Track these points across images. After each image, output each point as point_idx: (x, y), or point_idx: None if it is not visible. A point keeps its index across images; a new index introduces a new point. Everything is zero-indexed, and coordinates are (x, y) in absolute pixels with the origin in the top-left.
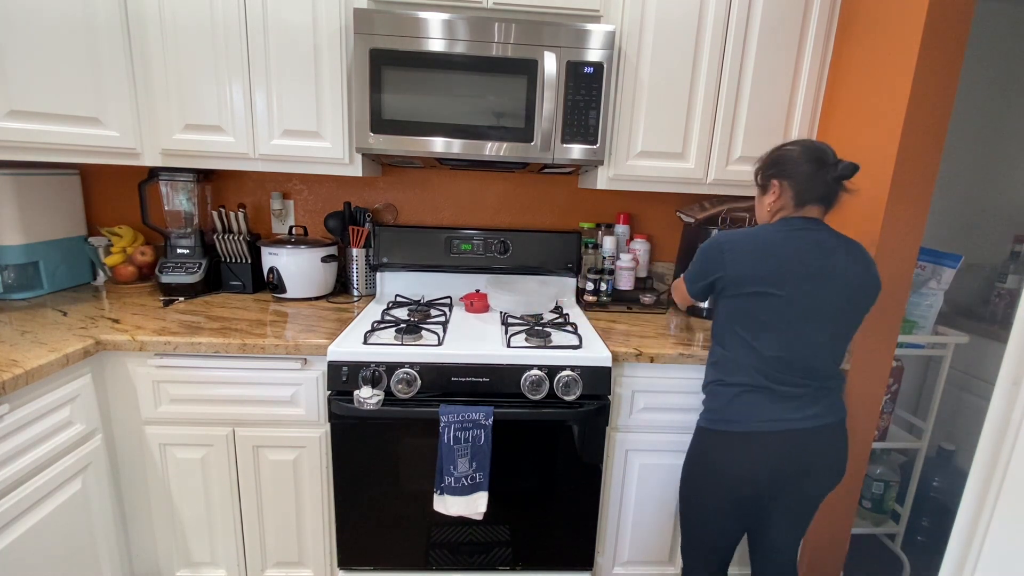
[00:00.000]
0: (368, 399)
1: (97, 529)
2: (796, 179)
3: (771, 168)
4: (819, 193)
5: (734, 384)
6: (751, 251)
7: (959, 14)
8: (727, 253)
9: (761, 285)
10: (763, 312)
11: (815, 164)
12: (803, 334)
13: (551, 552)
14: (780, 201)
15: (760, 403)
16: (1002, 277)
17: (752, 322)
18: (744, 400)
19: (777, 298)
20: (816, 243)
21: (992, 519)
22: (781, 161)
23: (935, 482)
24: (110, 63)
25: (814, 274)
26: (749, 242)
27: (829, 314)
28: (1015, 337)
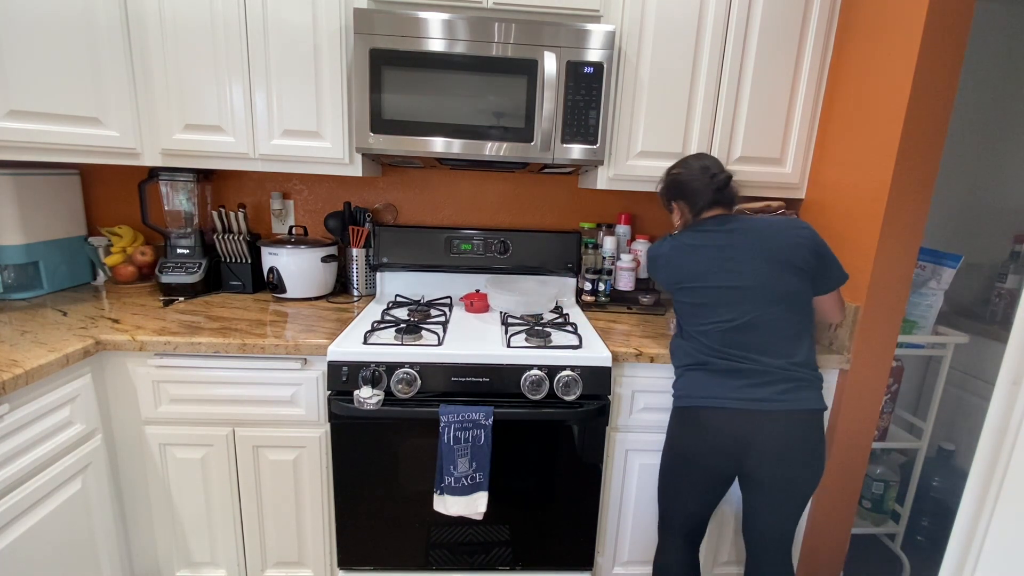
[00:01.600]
0: (368, 399)
1: (97, 529)
2: (688, 197)
3: (668, 193)
4: (708, 201)
5: (683, 365)
6: (669, 261)
7: (959, 14)
8: (656, 268)
9: (680, 286)
10: (689, 304)
11: (700, 182)
12: (739, 315)
13: (551, 552)
14: (683, 217)
15: (701, 380)
16: (1002, 277)
17: (685, 313)
18: (690, 378)
19: (696, 291)
20: (718, 230)
21: (992, 519)
22: (675, 186)
23: (935, 482)
24: (110, 63)
25: (721, 259)
26: (664, 255)
27: (759, 292)
28: (1015, 337)
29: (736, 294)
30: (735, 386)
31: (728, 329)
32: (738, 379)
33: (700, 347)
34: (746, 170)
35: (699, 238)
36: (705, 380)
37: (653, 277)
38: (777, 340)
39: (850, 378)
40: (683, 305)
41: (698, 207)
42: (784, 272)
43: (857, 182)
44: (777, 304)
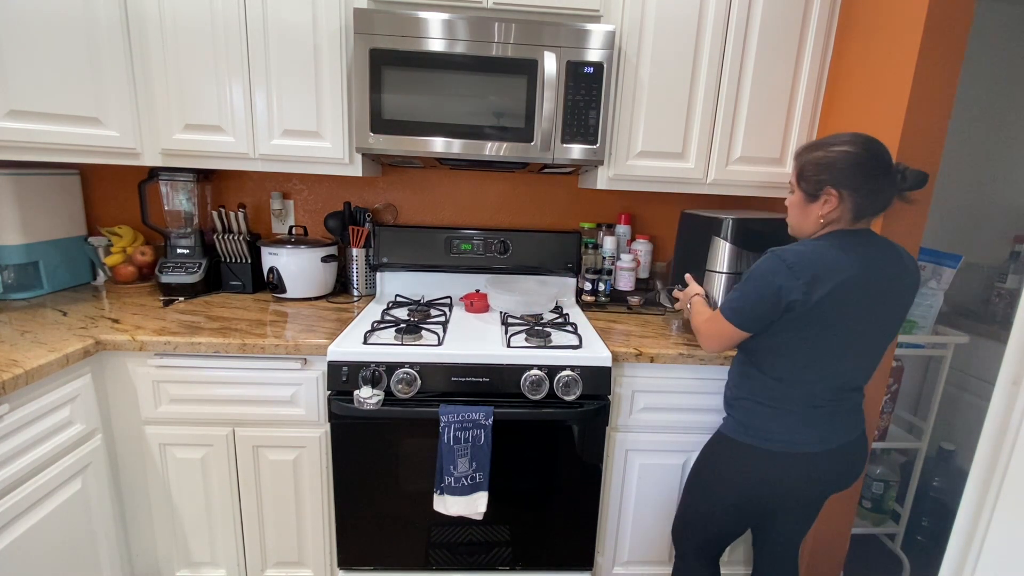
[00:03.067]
0: (368, 399)
1: (97, 529)
2: (859, 191)
3: (825, 173)
4: (881, 206)
5: (769, 405)
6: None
7: (959, 14)
8: (799, 274)
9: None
10: (825, 344)
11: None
12: (852, 357)
13: (551, 552)
14: (835, 212)
15: (801, 424)
16: (1002, 277)
17: (810, 349)
18: (784, 421)
19: (836, 327)
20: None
21: (992, 519)
22: (839, 165)
23: (935, 482)
24: (110, 63)
25: (875, 296)
26: (817, 261)
27: (882, 333)
28: (1015, 337)
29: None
30: (834, 425)
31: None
32: (836, 417)
33: (807, 390)
34: (746, 170)
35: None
36: (800, 426)
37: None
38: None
39: None
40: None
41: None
42: (907, 306)
43: None
44: (889, 339)
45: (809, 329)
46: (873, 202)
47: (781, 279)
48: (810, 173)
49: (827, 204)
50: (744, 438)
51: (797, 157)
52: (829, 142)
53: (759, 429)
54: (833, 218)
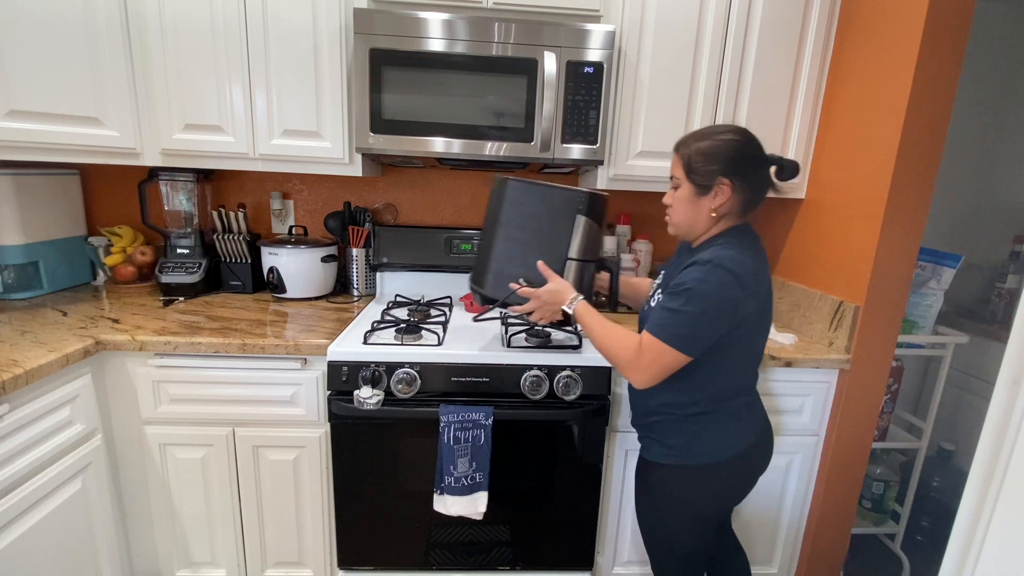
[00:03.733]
0: (368, 399)
1: (97, 529)
2: (752, 181)
3: (716, 163)
4: (762, 198)
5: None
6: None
7: (959, 15)
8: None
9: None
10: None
11: (761, 163)
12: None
13: (551, 552)
14: (727, 205)
15: (748, 420)
16: (1002, 277)
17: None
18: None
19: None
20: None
21: (992, 519)
22: (729, 154)
23: (935, 482)
24: (110, 63)
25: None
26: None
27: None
28: (1015, 337)
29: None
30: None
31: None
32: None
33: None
34: None
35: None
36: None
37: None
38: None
39: (850, 378)
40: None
41: (753, 203)
42: None
43: (857, 182)
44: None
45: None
46: (759, 193)
47: (733, 297)
48: (699, 164)
49: (719, 196)
50: (670, 460)
51: (680, 148)
52: (714, 131)
53: (704, 445)
54: (725, 211)
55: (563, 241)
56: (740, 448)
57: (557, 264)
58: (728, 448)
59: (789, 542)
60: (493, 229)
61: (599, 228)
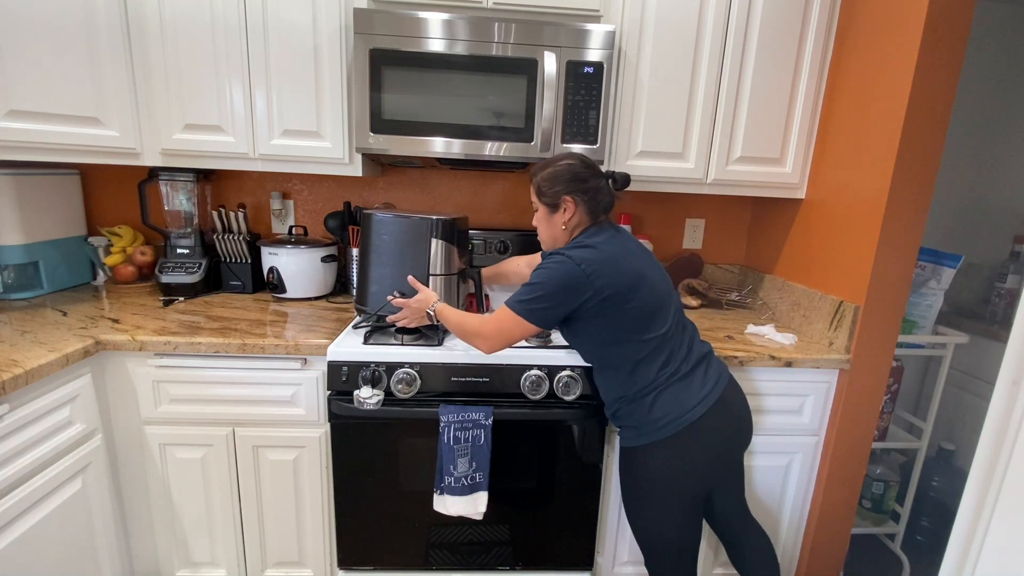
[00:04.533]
0: (368, 399)
1: (97, 529)
2: (588, 194)
3: (558, 185)
4: (606, 204)
5: (644, 390)
6: (610, 265)
7: (959, 14)
8: (592, 276)
9: (633, 292)
10: (644, 311)
11: (598, 178)
12: (671, 316)
13: (551, 552)
14: (576, 217)
15: (681, 390)
16: (1002, 277)
17: (644, 317)
18: (663, 400)
19: (646, 296)
20: (623, 232)
21: (992, 519)
22: (569, 177)
23: (935, 482)
24: (110, 63)
25: (648, 262)
26: (601, 258)
27: (670, 292)
28: (1015, 337)
29: (671, 302)
30: (700, 383)
31: (680, 325)
32: (705, 370)
33: (663, 357)
34: (746, 170)
35: (618, 239)
36: (686, 388)
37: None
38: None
39: (850, 378)
40: (632, 313)
41: (596, 209)
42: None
43: (857, 182)
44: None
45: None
46: (601, 203)
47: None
48: (546, 187)
49: (567, 211)
50: (644, 439)
51: (532, 178)
52: (555, 159)
53: (643, 423)
54: (574, 223)
55: (424, 260)
56: (694, 416)
57: (422, 280)
58: (679, 418)
59: (789, 542)
60: (367, 257)
61: (453, 247)
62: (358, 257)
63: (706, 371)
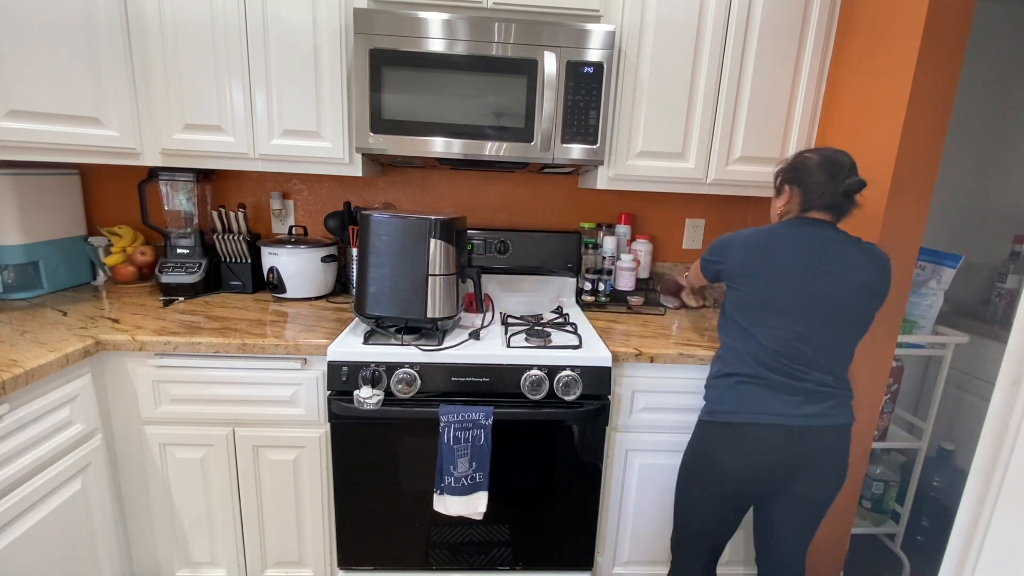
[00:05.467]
0: (368, 399)
1: (97, 529)
2: (806, 187)
3: (788, 173)
4: (825, 202)
5: (732, 374)
6: (749, 246)
7: (959, 14)
8: (729, 248)
9: (755, 276)
10: (758, 300)
11: (827, 175)
12: (805, 327)
13: (551, 552)
14: (788, 205)
15: (756, 395)
16: (1002, 277)
17: (750, 310)
18: (740, 391)
19: (772, 287)
20: (817, 238)
21: (992, 519)
22: (798, 167)
23: (935, 482)
24: (110, 63)
25: (814, 266)
26: (750, 238)
27: (833, 309)
28: (1015, 337)
29: (815, 305)
30: (791, 402)
31: (794, 338)
32: (793, 394)
33: (757, 352)
34: (746, 170)
35: (793, 234)
36: (763, 396)
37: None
38: (831, 357)
39: (851, 378)
40: (750, 296)
41: (809, 203)
42: (865, 314)
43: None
44: (844, 324)
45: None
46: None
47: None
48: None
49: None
50: (707, 416)
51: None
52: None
53: (715, 402)
54: (787, 210)
55: (423, 261)
56: (756, 420)
57: (420, 281)
58: (738, 412)
59: None
60: (366, 258)
61: (452, 247)
62: (357, 258)
63: (805, 399)
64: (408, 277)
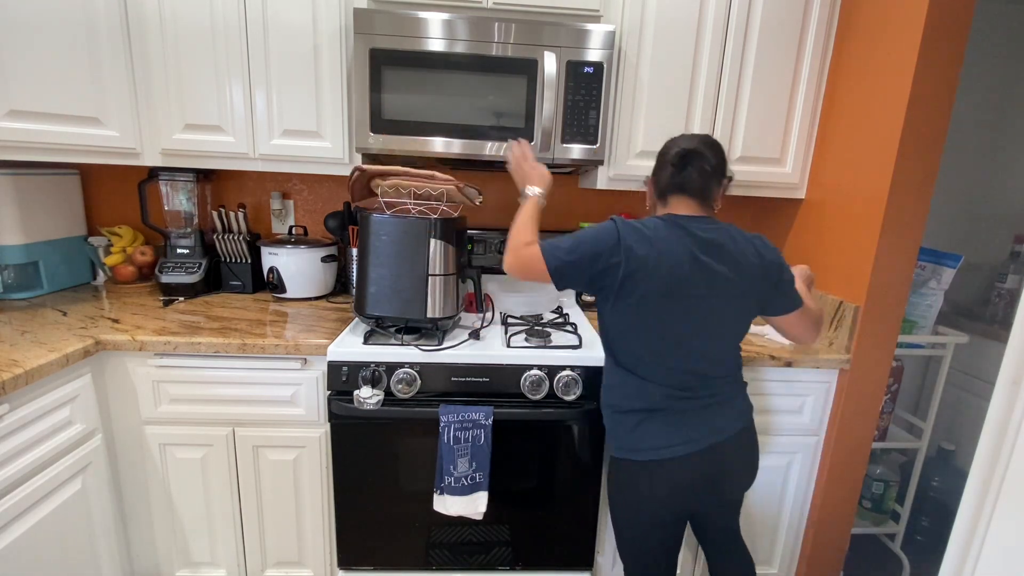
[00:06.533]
0: (368, 399)
1: (97, 529)
2: (655, 171)
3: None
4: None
5: (633, 411)
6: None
7: (959, 15)
8: (625, 237)
9: (653, 280)
10: (658, 315)
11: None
12: (703, 340)
13: (551, 552)
14: (650, 198)
15: (665, 427)
16: (1002, 277)
17: (647, 328)
18: (647, 428)
19: (668, 298)
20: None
21: (992, 519)
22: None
23: (935, 482)
24: (110, 63)
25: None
26: (640, 229)
27: (725, 313)
28: (1015, 337)
29: (713, 325)
30: (702, 423)
31: (694, 353)
32: (703, 415)
33: (655, 381)
34: (746, 170)
35: (675, 231)
36: (674, 427)
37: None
38: (722, 353)
39: (850, 378)
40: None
41: (660, 186)
42: (754, 304)
43: (857, 182)
44: (737, 323)
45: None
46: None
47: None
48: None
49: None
50: (619, 454)
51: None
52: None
53: (623, 440)
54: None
55: (423, 260)
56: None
57: (420, 281)
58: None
59: (789, 542)
60: (366, 257)
61: (452, 247)
62: (357, 258)
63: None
64: (408, 277)
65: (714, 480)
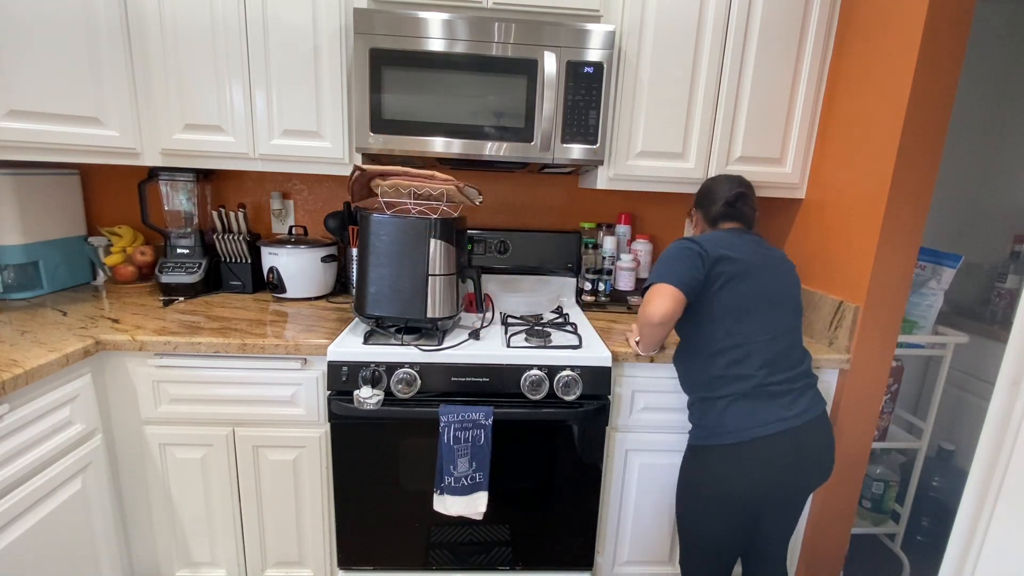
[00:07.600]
0: (368, 399)
1: (97, 529)
2: (704, 207)
3: (696, 200)
4: (723, 213)
5: (724, 396)
6: (715, 240)
7: (959, 15)
8: (701, 243)
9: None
10: (738, 300)
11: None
12: (780, 324)
13: (551, 552)
14: (700, 227)
15: (755, 407)
16: (1002, 277)
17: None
18: (738, 408)
19: (747, 287)
20: (747, 237)
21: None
22: (700, 195)
23: (935, 482)
24: (110, 63)
25: (765, 262)
26: (707, 239)
27: (789, 302)
28: (1015, 337)
29: (777, 297)
30: (786, 403)
31: (776, 337)
32: (787, 398)
33: (743, 366)
34: (746, 170)
35: (730, 236)
36: (762, 406)
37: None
38: (805, 357)
39: (850, 378)
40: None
41: (714, 219)
42: (799, 306)
43: (857, 182)
44: (797, 312)
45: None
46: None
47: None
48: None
49: (694, 222)
50: (705, 441)
51: None
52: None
53: (712, 427)
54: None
55: (423, 261)
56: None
57: (420, 281)
58: (748, 429)
59: None
60: (366, 258)
61: (452, 247)
62: (357, 258)
63: (796, 398)
64: (408, 277)
65: (797, 461)
